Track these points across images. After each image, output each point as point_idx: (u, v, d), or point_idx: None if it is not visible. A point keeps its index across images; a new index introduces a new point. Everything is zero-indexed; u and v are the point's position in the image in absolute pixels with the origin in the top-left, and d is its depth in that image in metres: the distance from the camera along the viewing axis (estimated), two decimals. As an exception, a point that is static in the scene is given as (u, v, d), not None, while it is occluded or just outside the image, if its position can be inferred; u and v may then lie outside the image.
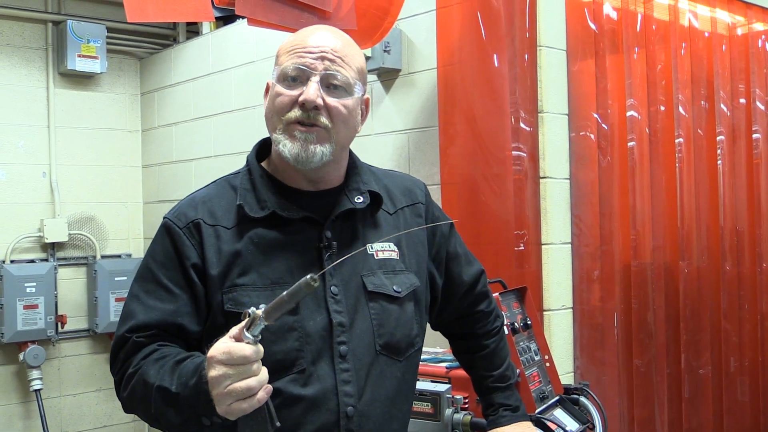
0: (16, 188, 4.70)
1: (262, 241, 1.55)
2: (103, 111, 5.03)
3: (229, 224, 1.56)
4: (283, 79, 1.54)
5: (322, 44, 1.55)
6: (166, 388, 1.39)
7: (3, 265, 4.54)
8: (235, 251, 1.54)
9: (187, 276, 1.53)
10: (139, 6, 2.29)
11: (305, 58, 1.53)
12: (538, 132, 2.86)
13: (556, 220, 2.89)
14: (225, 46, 4.44)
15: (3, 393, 4.64)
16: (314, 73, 1.52)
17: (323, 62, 1.53)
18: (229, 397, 1.27)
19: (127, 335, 1.51)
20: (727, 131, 3.61)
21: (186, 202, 1.63)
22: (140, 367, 1.46)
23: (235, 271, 1.53)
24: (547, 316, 2.86)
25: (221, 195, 1.62)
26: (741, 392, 3.62)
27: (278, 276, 1.53)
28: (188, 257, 1.54)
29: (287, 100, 1.53)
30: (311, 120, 1.52)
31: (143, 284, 1.56)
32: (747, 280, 3.67)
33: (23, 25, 4.73)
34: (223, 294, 1.52)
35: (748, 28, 3.79)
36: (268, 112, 1.59)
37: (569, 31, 2.98)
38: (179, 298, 1.53)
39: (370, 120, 3.48)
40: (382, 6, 2.87)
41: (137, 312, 1.53)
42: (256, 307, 1.28)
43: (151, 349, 1.49)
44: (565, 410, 2.41)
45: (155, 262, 1.57)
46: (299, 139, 1.52)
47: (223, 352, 1.27)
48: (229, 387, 1.27)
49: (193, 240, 1.55)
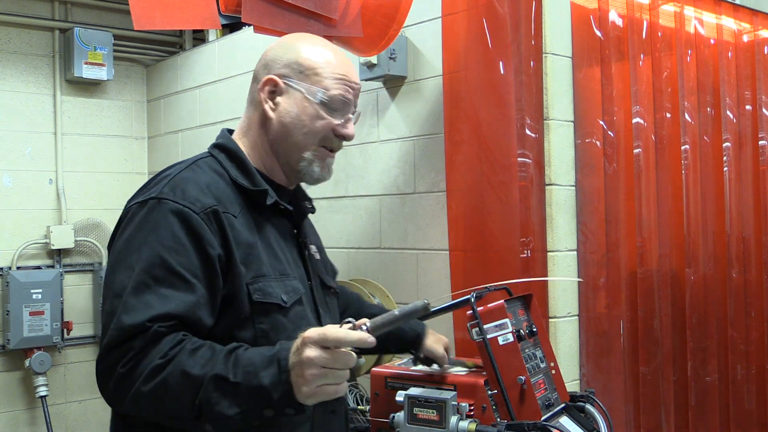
0: (23, 195, 4.72)
1: (267, 231, 1.61)
2: (110, 118, 5.05)
3: (235, 212, 1.58)
4: (328, 104, 1.66)
5: (358, 82, 1.73)
6: (224, 377, 1.35)
7: (9, 271, 4.55)
8: (251, 241, 1.56)
9: (209, 266, 1.48)
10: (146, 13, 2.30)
11: (350, 94, 1.69)
12: (544, 139, 2.86)
13: (561, 227, 2.89)
14: (231, 54, 4.46)
15: (9, 399, 4.64)
16: (354, 110, 1.72)
17: (356, 99, 1.73)
18: (317, 396, 1.34)
19: (148, 324, 1.40)
20: (734, 138, 3.61)
21: (184, 182, 1.56)
22: (172, 357, 1.38)
23: (255, 261, 1.55)
24: (552, 323, 2.85)
25: (215, 180, 1.61)
26: (748, 400, 3.60)
27: (283, 267, 1.61)
28: (211, 245, 1.49)
29: (328, 126, 1.67)
30: (339, 149, 1.73)
31: (150, 271, 1.45)
32: (754, 288, 3.66)
33: (30, 32, 4.75)
34: (248, 285, 1.52)
35: (754, 35, 3.79)
36: (299, 124, 1.66)
37: (575, 38, 2.98)
38: (196, 287, 1.46)
39: (375, 127, 3.48)
40: (388, 13, 2.87)
41: (152, 302, 1.42)
42: (355, 320, 1.38)
43: (177, 338, 1.41)
44: (571, 418, 2.40)
45: (164, 247, 1.46)
46: (327, 165, 1.71)
47: (324, 357, 1.32)
48: (321, 387, 1.34)
49: (212, 227, 1.51)
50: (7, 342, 4.52)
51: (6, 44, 4.67)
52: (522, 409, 2.21)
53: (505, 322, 2.30)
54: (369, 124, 3.51)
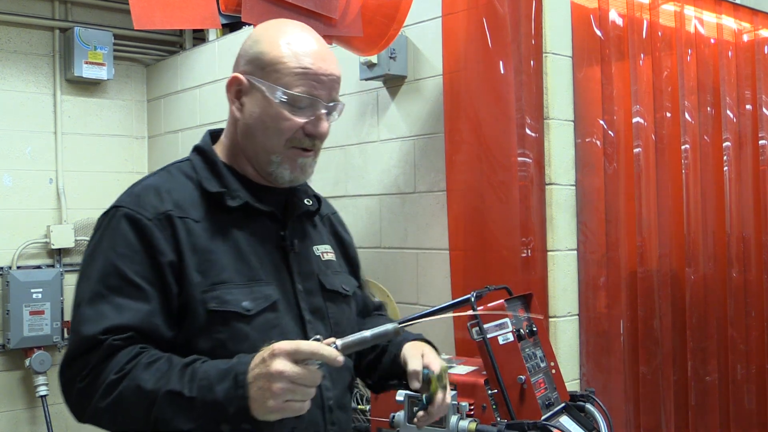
0: (23, 194, 4.71)
1: (234, 235, 1.51)
2: (110, 117, 5.05)
3: (197, 216, 1.50)
4: (291, 102, 1.51)
5: (329, 72, 1.53)
6: (178, 392, 1.30)
7: (9, 271, 4.55)
8: (210, 246, 1.47)
9: (161, 274, 1.43)
10: (146, 13, 2.30)
11: (317, 90, 1.52)
12: (544, 138, 2.86)
13: (561, 226, 2.89)
14: (231, 53, 4.43)
15: (9, 399, 4.64)
16: (325, 105, 1.53)
17: (330, 92, 1.54)
18: (282, 411, 1.27)
19: (102, 337, 1.36)
20: (734, 138, 3.61)
21: (143, 190, 1.52)
22: (128, 371, 1.34)
23: (213, 268, 1.46)
24: (552, 322, 2.85)
25: (181, 184, 1.55)
26: (748, 400, 3.60)
27: (254, 272, 1.50)
28: (162, 253, 1.43)
29: (294, 126, 1.52)
30: (313, 147, 1.56)
31: (105, 280, 1.41)
32: (754, 287, 3.66)
33: (30, 32, 4.75)
34: (205, 293, 1.44)
35: (754, 35, 3.79)
36: (259, 127, 1.55)
37: (575, 37, 2.98)
38: (151, 296, 1.41)
39: (375, 126, 3.48)
40: (388, 13, 2.87)
41: (107, 312, 1.39)
42: (324, 337, 1.31)
43: (133, 352, 1.37)
44: (571, 417, 2.40)
45: (117, 255, 1.43)
46: (299, 165, 1.55)
47: (296, 372, 1.25)
48: (287, 403, 1.27)
49: (164, 233, 1.45)
50: (7, 341, 4.52)
51: (6, 44, 4.67)
52: (522, 408, 2.21)
53: (505, 321, 2.30)
54: (369, 123, 3.51)
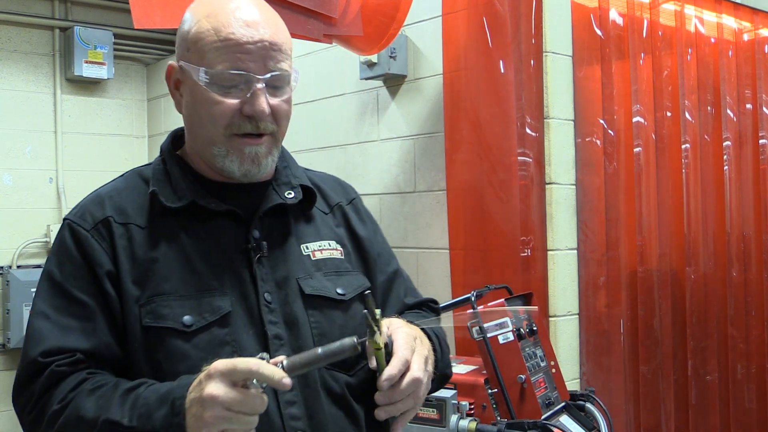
0: (23, 193, 4.72)
1: (183, 241, 1.34)
2: (110, 117, 5.05)
3: (142, 222, 1.35)
4: (217, 83, 1.30)
5: (258, 38, 1.29)
6: (117, 422, 1.18)
7: (9, 270, 4.56)
8: (152, 255, 1.32)
9: (101, 287, 1.30)
10: (146, 12, 2.30)
11: (245, 62, 1.28)
12: (544, 138, 2.86)
13: (562, 226, 2.89)
14: (231, 52, 4.45)
15: (9, 398, 4.63)
16: (258, 78, 1.29)
17: (265, 62, 1.30)
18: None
19: (42, 361, 1.26)
20: (734, 137, 3.61)
21: (90, 198, 1.41)
22: (70, 401, 1.23)
23: (153, 278, 1.31)
24: (552, 322, 2.85)
25: (132, 188, 1.41)
26: (748, 399, 3.60)
27: (205, 282, 1.32)
28: (100, 264, 1.31)
29: (228, 110, 1.30)
30: (260, 130, 1.32)
31: (50, 299, 1.31)
32: (754, 287, 3.66)
33: (30, 31, 4.75)
34: (141, 307, 1.29)
35: (754, 34, 3.79)
36: (195, 118, 1.35)
37: (575, 37, 2.98)
38: (96, 313, 1.29)
39: (375, 126, 3.48)
40: (388, 12, 2.87)
41: (48, 333, 1.28)
42: (270, 355, 1.15)
43: (78, 378, 1.26)
44: (571, 416, 2.40)
45: (61, 271, 1.32)
46: (249, 155, 1.33)
47: (231, 398, 1.10)
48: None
49: (103, 243, 1.32)
50: (7, 341, 4.52)
51: (6, 43, 4.67)
52: (522, 407, 2.21)
53: (505, 320, 2.31)
54: (369, 123, 3.51)
